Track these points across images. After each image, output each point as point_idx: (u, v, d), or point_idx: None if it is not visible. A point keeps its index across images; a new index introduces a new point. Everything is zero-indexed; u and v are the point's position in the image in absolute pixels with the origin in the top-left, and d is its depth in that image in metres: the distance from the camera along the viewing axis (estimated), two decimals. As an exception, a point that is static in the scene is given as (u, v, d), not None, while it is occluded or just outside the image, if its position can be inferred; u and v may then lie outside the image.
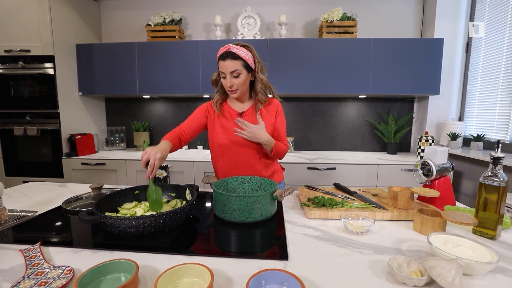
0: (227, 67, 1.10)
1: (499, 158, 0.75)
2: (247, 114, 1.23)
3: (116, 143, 2.73)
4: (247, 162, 1.22)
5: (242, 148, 1.20)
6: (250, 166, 1.22)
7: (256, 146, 1.20)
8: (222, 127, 1.22)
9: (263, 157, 1.24)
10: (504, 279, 0.59)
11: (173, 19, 2.46)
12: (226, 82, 1.14)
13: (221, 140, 1.21)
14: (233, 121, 1.21)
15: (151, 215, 0.74)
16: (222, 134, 1.21)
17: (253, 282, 0.51)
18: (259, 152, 1.22)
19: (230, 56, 1.10)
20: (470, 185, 2.12)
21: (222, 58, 1.11)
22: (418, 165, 1.03)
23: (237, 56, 1.10)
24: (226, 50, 1.10)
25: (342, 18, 2.30)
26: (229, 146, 1.21)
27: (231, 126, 1.21)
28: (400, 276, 0.55)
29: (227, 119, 1.23)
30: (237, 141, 1.19)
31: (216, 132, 1.23)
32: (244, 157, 1.21)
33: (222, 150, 1.23)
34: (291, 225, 0.87)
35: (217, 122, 1.24)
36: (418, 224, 0.82)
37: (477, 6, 2.27)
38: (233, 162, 1.22)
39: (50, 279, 0.55)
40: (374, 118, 2.65)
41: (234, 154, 1.21)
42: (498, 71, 2.03)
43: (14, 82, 2.24)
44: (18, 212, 0.94)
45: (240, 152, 1.21)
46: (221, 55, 1.11)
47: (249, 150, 1.20)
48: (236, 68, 1.11)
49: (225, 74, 1.12)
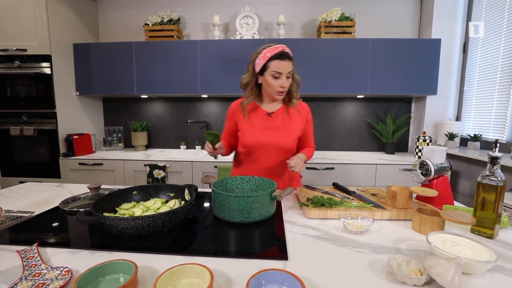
0: (286, 67, 1.09)
1: (497, 157, 0.76)
2: (277, 115, 1.23)
3: (114, 143, 2.71)
4: (272, 164, 1.22)
5: (267, 149, 1.20)
6: (274, 168, 1.23)
7: (281, 149, 1.20)
8: (248, 128, 1.22)
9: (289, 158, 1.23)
10: (502, 277, 0.59)
11: (171, 19, 2.45)
12: (281, 82, 1.11)
13: (247, 141, 1.21)
14: (260, 121, 1.22)
15: (150, 216, 0.73)
16: (249, 135, 1.21)
17: (253, 282, 0.51)
18: (286, 153, 1.22)
19: (287, 56, 1.09)
20: (468, 184, 2.13)
21: (280, 57, 1.08)
22: (416, 165, 1.04)
23: (291, 57, 1.11)
24: (282, 50, 1.09)
25: (341, 18, 2.31)
26: (255, 146, 1.21)
27: (258, 127, 1.21)
28: (400, 275, 0.55)
29: (255, 120, 1.23)
30: (263, 142, 1.20)
31: (243, 132, 1.23)
32: (269, 158, 1.21)
33: (247, 150, 1.23)
34: (291, 225, 0.86)
35: (244, 123, 1.24)
36: (417, 223, 0.82)
37: (474, 6, 2.29)
38: (257, 162, 1.23)
39: (47, 280, 0.54)
40: (372, 118, 2.65)
41: (258, 154, 1.22)
42: (495, 71, 2.04)
43: (11, 82, 2.22)
44: (14, 213, 0.93)
45: (265, 153, 1.21)
46: (277, 55, 1.08)
47: (274, 151, 1.21)
48: (291, 69, 1.12)
49: (281, 74, 1.10)
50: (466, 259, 0.57)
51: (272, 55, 1.09)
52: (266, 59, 1.10)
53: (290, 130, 1.21)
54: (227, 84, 2.34)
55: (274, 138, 1.20)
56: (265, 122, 1.22)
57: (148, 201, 0.97)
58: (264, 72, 1.13)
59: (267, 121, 1.22)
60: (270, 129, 1.21)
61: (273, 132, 1.20)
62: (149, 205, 0.93)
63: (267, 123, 1.22)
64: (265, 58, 1.10)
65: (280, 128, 1.21)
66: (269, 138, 1.20)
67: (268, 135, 1.20)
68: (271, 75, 1.11)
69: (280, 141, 1.19)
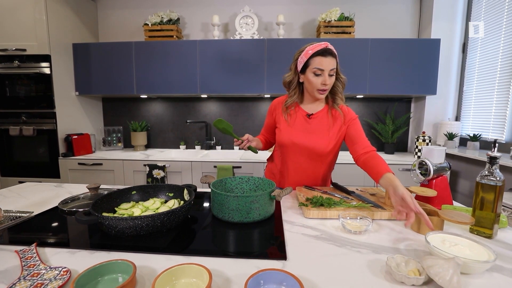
0: (329, 64, 1.05)
1: (495, 157, 0.76)
2: (316, 117, 1.18)
3: (113, 143, 2.71)
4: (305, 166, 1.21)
5: (302, 151, 1.19)
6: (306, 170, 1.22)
7: (315, 153, 1.18)
8: (286, 127, 1.21)
9: (322, 163, 1.22)
10: (501, 277, 0.59)
11: (170, 19, 2.45)
12: (323, 80, 1.07)
13: (283, 139, 1.20)
14: (299, 122, 1.19)
15: (149, 216, 0.73)
16: (285, 134, 1.20)
17: (251, 282, 0.51)
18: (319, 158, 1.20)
19: (330, 53, 1.06)
20: (467, 184, 2.13)
21: (322, 54, 1.05)
22: (415, 165, 1.04)
23: (335, 54, 1.07)
24: (325, 46, 1.06)
25: (340, 18, 2.31)
26: (289, 146, 1.20)
27: (295, 127, 1.19)
28: (398, 275, 0.55)
29: (294, 119, 1.20)
30: (298, 144, 1.18)
31: (279, 130, 1.23)
32: (301, 160, 1.21)
33: (282, 149, 1.24)
34: (290, 225, 0.86)
35: (282, 121, 1.22)
36: (416, 223, 0.82)
37: (474, 7, 2.29)
38: (290, 162, 1.23)
39: (46, 280, 0.54)
40: (371, 118, 2.65)
41: (292, 155, 1.21)
42: (494, 71, 2.04)
43: (10, 82, 2.22)
44: (13, 213, 0.93)
45: (299, 154, 1.20)
46: (319, 51, 1.05)
47: (308, 154, 1.19)
48: (334, 66, 1.08)
49: (323, 72, 1.06)
50: (465, 259, 0.58)
51: (314, 52, 1.06)
52: (308, 56, 1.07)
53: (328, 135, 1.16)
54: (227, 84, 2.34)
55: (309, 141, 1.17)
56: (304, 124, 1.19)
57: (147, 201, 0.97)
58: (306, 70, 1.10)
59: (306, 123, 1.19)
60: (307, 132, 1.18)
61: (309, 135, 1.17)
62: (148, 205, 0.93)
63: (305, 125, 1.19)
64: (307, 55, 1.08)
65: (318, 132, 1.17)
66: (305, 141, 1.17)
67: (304, 137, 1.17)
68: (313, 72, 1.08)
69: (315, 145, 1.16)
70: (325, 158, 1.21)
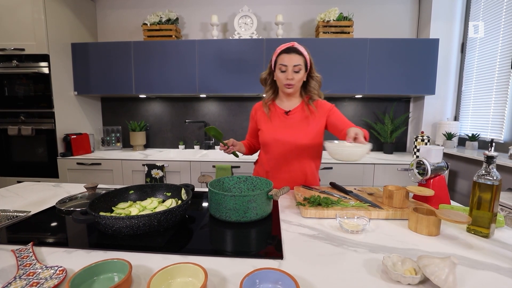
0: (291, 60, 1.14)
1: (492, 157, 0.76)
2: (294, 113, 1.26)
3: (112, 143, 2.71)
4: (290, 161, 1.25)
5: (285, 146, 1.23)
6: (292, 166, 1.25)
7: (298, 147, 1.22)
8: (267, 126, 1.26)
9: (306, 158, 1.25)
10: (498, 277, 0.59)
11: (169, 19, 2.45)
12: (287, 75, 1.16)
13: (265, 138, 1.25)
14: (278, 119, 1.26)
15: (145, 215, 0.73)
16: (267, 133, 1.25)
17: (247, 281, 0.51)
18: (302, 152, 1.23)
19: (294, 51, 1.15)
20: (466, 184, 2.13)
21: (286, 51, 1.15)
22: (413, 164, 1.04)
23: (301, 52, 1.16)
24: (291, 45, 1.16)
25: (339, 18, 2.31)
26: (272, 144, 1.24)
27: (276, 124, 1.25)
28: (395, 274, 0.55)
29: (273, 118, 1.27)
30: (281, 140, 1.23)
31: (262, 131, 1.28)
32: (286, 156, 1.24)
33: (266, 148, 1.27)
34: (287, 224, 0.86)
35: (263, 122, 1.28)
36: (413, 222, 0.82)
37: (472, 7, 2.29)
38: (276, 160, 1.26)
39: (42, 280, 0.54)
40: (370, 118, 2.66)
41: (276, 152, 1.25)
42: (493, 71, 2.05)
43: (8, 81, 2.21)
44: (11, 212, 0.93)
45: (283, 150, 1.24)
46: (284, 49, 1.15)
47: (291, 149, 1.23)
48: (299, 63, 1.15)
49: (287, 68, 1.15)
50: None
51: (280, 50, 1.17)
52: (276, 55, 1.18)
53: (307, 129, 1.23)
54: (226, 84, 2.34)
55: (290, 136, 1.22)
56: (283, 120, 1.26)
57: (144, 201, 0.97)
58: (275, 68, 1.20)
59: (285, 119, 1.26)
60: (287, 127, 1.24)
61: (290, 130, 1.23)
62: (145, 204, 0.93)
63: (284, 121, 1.25)
64: (275, 54, 1.18)
65: (297, 126, 1.24)
66: (286, 136, 1.22)
67: (286, 132, 1.23)
68: (279, 69, 1.17)
69: (297, 138, 1.21)
70: (308, 152, 1.25)
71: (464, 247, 0.72)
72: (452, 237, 0.78)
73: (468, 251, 0.70)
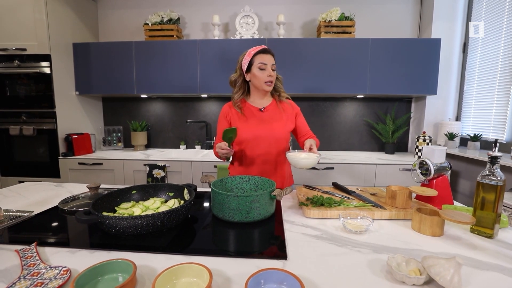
0: (270, 60, 1.22)
1: (496, 157, 0.76)
2: (268, 109, 1.31)
3: (114, 143, 2.71)
4: (268, 157, 1.28)
5: (263, 141, 1.26)
6: (270, 161, 1.29)
7: (276, 140, 1.27)
8: (243, 123, 1.29)
9: (283, 151, 1.30)
10: (502, 277, 0.59)
11: (171, 18, 2.45)
12: (268, 72, 1.22)
13: (243, 135, 1.27)
14: (254, 116, 1.29)
15: (149, 215, 0.73)
16: (244, 130, 1.27)
17: (252, 282, 0.51)
18: (279, 145, 1.29)
19: (270, 52, 1.24)
20: (467, 184, 2.13)
21: (264, 52, 1.22)
22: (416, 164, 1.04)
23: (273, 54, 1.26)
24: (264, 47, 1.24)
25: (340, 18, 2.31)
26: (251, 140, 1.27)
27: (252, 121, 1.28)
28: (399, 274, 0.55)
29: (248, 116, 1.30)
30: (259, 135, 1.26)
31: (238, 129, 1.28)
32: (264, 151, 1.27)
33: (243, 146, 1.29)
34: (290, 224, 0.86)
35: (238, 120, 1.30)
36: (416, 223, 0.82)
37: (474, 6, 2.29)
38: (253, 156, 1.28)
39: (46, 280, 0.54)
40: (372, 118, 2.65)
41: (254, 148, 1.28)
42: (495, 71, 2.04)
43: (10, 81, 2.22)
44: (13, 212, 0.93)
45: (261, 145, 1.27)
46: (261, 50, 1.22)
47: (269, 143, 1.27)
48: (274, 62, 1.25)
49: (266, 66, 1.22)
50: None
51: (256, 51, 1.23)
52: (251, 56, 1.23)
53: (282, 122, 1.30)
54: (227, 84, 2.31)
55: (269, 130, 1.27)
56: (259, 117, 1.30)
57: (147, 201, 0.97)
58: (251, 68, 1.24)
59: (261, 116, 1.30)
60: (264, 122, 1.28)
61: (267, 125, 1.28)
62: (148, 204, 0.92)
63: (260, 117, 1.30)
64: (250, 55, 1.23)
65: (273, 120, 1.29)
66: (264, 131, 1.27)
67: (263, 127, 1.27)
68: (258, 68, 1.22)
69: (274, 131, 1.27)
70: (284, 144, 1.31)
71: (468, 247, 0.72)
72: (456, 237, 0.78)
73: (472, 251, 0.70)
